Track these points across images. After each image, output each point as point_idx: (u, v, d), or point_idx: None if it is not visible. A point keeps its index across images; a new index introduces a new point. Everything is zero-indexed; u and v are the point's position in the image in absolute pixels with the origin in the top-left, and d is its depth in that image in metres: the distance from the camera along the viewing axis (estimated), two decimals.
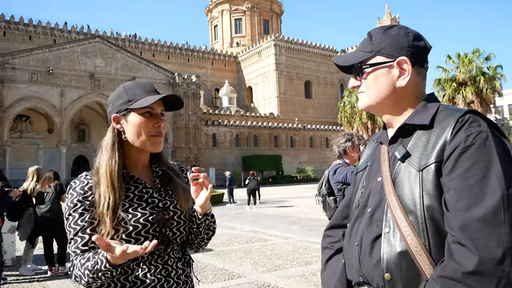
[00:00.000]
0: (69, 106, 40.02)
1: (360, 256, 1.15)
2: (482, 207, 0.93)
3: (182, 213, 1.46)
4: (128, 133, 1.39)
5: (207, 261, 6.97)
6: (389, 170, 1.14)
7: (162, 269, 1.38)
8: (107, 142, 1.41)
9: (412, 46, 1.16)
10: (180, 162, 18.65)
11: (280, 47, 61.66)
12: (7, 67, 37.34)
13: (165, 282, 1.38)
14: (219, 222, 12.52)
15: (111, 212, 1.30)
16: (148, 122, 1.38)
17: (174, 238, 1.43)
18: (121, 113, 1.40)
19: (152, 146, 1.41)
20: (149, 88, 1.43)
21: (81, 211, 1.32)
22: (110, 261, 1.20)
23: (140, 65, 45.09)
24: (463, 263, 0.91)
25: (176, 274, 1.42)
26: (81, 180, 1.39)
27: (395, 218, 1.07)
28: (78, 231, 1.31)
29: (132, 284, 1.34)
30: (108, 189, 1.32)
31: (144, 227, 1.35)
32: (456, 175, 0.99)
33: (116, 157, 1.38)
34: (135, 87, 1.43)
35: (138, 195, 1.40)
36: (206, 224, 1.47)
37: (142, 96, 1.38)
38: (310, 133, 55.97)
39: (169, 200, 1.45)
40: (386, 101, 1.19)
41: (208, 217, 1.47)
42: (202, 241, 1.51)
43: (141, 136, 1.38)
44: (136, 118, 1.38)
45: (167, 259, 1.40)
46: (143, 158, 1.47)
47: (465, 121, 1.04)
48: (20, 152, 39.92)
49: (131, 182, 1.41)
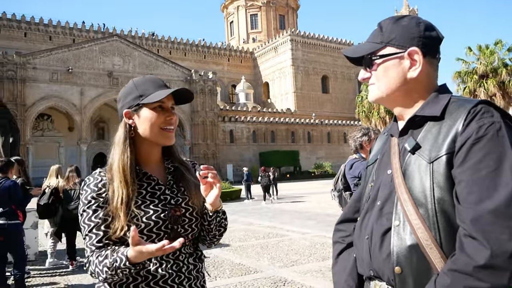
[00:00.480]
0: (89, 105, 40.68)
1: (371, 249, 1.14)
2: (494, 199, 0.90)
3: (194, 210, 1.46)
4: (140, 127, 1.41)
5: (224, 256, 7.01)
6: (399, 163, 1.13)
7: (173, 264, 1.39)
8: (119, 138, 1.43)
9: (424, 36, 1.14)
10: (197, 158, 19.00)
11: (296, 42, 61.35)
12: (28, 67, 38.16)
13: (176, 277, 1.39)
14: (236, 218, 12.63)
15: (125, 207, 1.32)
16: (160, 115, 1.40)
17: (186, 234, 1.44)
18: (132, 108, 1.41)
19: (165, 139, 1.43)
20: (159, 83, 1.45)
21: (95, 208, 1.34)
22: (130, 259, 1.22)
23: (157, 62, 45.49)
24: (474, 257, 0.89)
25: (187, 269, 1.43)
26: (95, 177, 1.41)
27: (405, 211, 1.05)
28: (93, 228, 1.32)
29: (144, 278, 1.35)
30: (121, 184, 1.34)
31: (156, 224, 1.36)
32: (468, 167, 0.96)
33: (128, 152, 1.40)
34: (145, 82, 1.44)
35: (150, 191, 1.41)
36: (217, 221, 1.47)
37: (153, 91, 1.40)
38: (327, 128, 55.64)
39: (181, 197, 1.46)
40: (397, 92, 1.17)
41: (219, 214, 1.47)
42: (214, 237, 1.52)
43: (153, 129, 1.40)
44: (148, 112, 1.39)
45: (178, 254, 1.41)
46: (155, 153, 1.48)
47: (477, 111, 1.01)
48: (42, 150, 40.79)
49: (143, 179, 1.42)
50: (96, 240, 1.32)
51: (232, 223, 11.62)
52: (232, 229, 10.32)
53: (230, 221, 9.83)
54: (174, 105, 1.46)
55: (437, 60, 1.18)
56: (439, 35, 1.17)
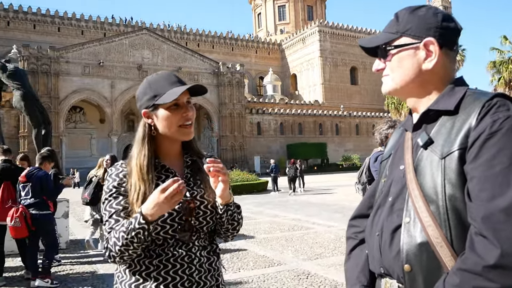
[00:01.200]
0: (119, 97, 41.56)
1: (381, 246, 1.11)
2: (507, 197, 0.87)
3: (209, 203, 1.48)
4: (159, 126, 1.44)
5: (249, 248, 7.06)
6: (412, 158, 1.09)
7: (185, 256, 1.41)
8: (138, 136, 1.48)
9: (441, 27, 1.09)
10: (225, 150, 19.21)
11: (324, 33, 60.60)
12: (61, 61, 39.31)
13: (187, 268, 1.40)
14: (262, 210, 12.68)
15: (140, 203, 1.35)
16: (176, 113, 1.42)
17: (201, 227, 1.46)
18: (150, 109, 1.44)
19: (183, 136, 1.46)
20: (172, 79, 1.45)
21: (116, 195, 1.40)
22: (144, 215, 1.27)
23: (186, 55, 45.91)
24: (484, 256, 0.86)
25: (199, 262, 1.44)
26: (117, 167, 1.47)
27: (416, 207, 1.03)
28: (113, 214, 1.38)
29: (156, 267, 1.39)
30: (139, 181, 1.39)
31: (170, 215, 1.39)
32: (480, 163, 0.92)
33: (146, 151, 1.44)
34: (158, 80, 1.46)
35: None
36: (228, 214, 1.47)
37: (167, 89, 1.41)
38: (356, 120, 54.91)
39: (197, 189, 1.48)
40: (411, 84, 1.13)
41: (230, 207, 1.47)
42: (227, 231, 1.52)
43: (171, 128, 1.42)
44: (164, 112, 1.42)
45: (191, 246, 1.43)
46: (175, 147, 1.52)
47: (492, 105, 0.97)
48: (75, 141, 42.11)
49: (162, 171, 1.46)
50: (116, 225, 1.36)
51: (258, 215, 11.67)
52: (257, 221, 10.38)
53: (255, 213, 9.87)
54: (190, 99, 1.47)
55: (455, 52, 1.14)
56: (458, 26, 1.13)
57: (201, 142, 50.59)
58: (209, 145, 48.43)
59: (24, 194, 5.29)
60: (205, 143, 49.78)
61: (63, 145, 38.93)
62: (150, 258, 1.39)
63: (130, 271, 1.41)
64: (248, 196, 18.80)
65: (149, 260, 1.39)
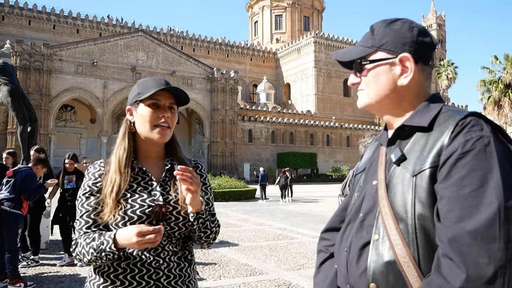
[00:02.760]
0: (111, 98, 41.31)
1: (348, 262, 1.09)
2: (475, 219, 0.84)
3: (183, 209, 1.46)
4: (137, 122, 1.47)
5: (232, 255, 7.00)
6: (384, 174, 1.07)
7: (153, 260, 1.41)
8: (120, 132, 1.52)
9: (416, 42, 1.08)
10: (215, 156, 19.21)
11: (320, 44, 60.97)
12: (55, 59, 39.00)
13: (154, 273, 1.40)
14: (248, 218, 12.62)
15: (115, 195, 1.39)
16: (154, 112, 1.44)
17: (172, 232, 1.46)
18: (132, 105, 1.49)
19: (157, 135, 1.45)
20: (160, 83, 1.47)
21: (88, 195, 1.43)
22: (116, 242, 1.29)
23: (180, 59, 45.85)
24: (449, 279, 0.84)
25: (168, 267, 1.43)
26: (95, 166, 1.50)
27: (385, 225, 1.00)
28: (83, 214, 1.42)
29: (123, 270, 1.40)
30: (115, 173, 1.42)
31: (139, 219, 1.39)
32: (451, 183, 0.91)
33: (125, 145, 1.47)
34: (147, 81, 1.50)
35: (143, 186, 1.46)
36: (199, 222, 1.45)
37: (151, 90, 1.44)
38: (347, 132, 55.12)
39: (172, 195, 1.48)
40: (386, 100, 1.11)
41: (201, 215, 1.44)
42: (200, 239, 1.51)
43: (146, 125, 1.44)
44: (143, 108, 1.45)
45: (160, 251, 1.43)
46: (155, 150, 1.52)
47: (465, 124, 0.95)
48: (64, 140, 41.70)
49: (139, 173, 1.47)
50: (86, 226, 1.40)
51: (244, 223, 11.62)
52: (242, 229, 10.32)
53: (241, 220, 9.82)
54: (174, 105, 1.49)
55: (430, 68, 1.12)
56: (433, 41, 1.11)
57: (192, 147, 50.44)
58: (200, 150, 48.27)
59: (4, 188, 5.21)
60: (195, 148, 49.62)
61: (52, 143, 38.52)
62: (118, 260, 1.40)
63: (99, 271, 1.43)
64: (235, 203, 18.72)
65: (117, 262, 1.40)
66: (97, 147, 41.37)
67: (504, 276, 0.81)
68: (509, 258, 0.81)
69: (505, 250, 0.81)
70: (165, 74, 43.24)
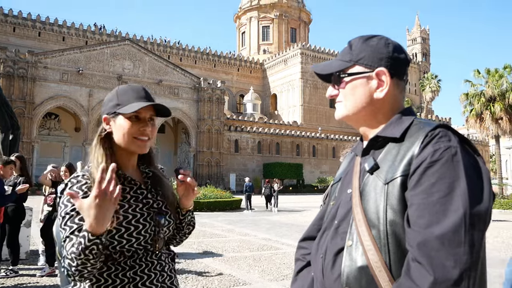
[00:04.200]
0: (96, 106, 40.96)
1: (323, 268, 1.12)
2: (443, 225, 0.89)
3: (170, 212, 1.52)
4: (115, 134, 1.44)
5: (216, 266, 6.96)
6: (359, 182, 1.11)
7: (157, 264, 1.45)
8: (94, 143, 1.46)
9: (392, 57, 1.13)
10: (201, 166, 19.18)
11: (306, 55, 61.60)
12: (39, 66, 38.63)
13: (160, 276, 1.44)
14: (232, 228, 12.59)
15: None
16: (134, 125, 1.42)
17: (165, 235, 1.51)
18: (110, 115, 1.44)
19: (137, 148, 1.45)
20: (140, 94, 1.45)
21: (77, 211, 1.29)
22: (91, 231, 1.18)
23: (167, 68, 45.82)
24: (418, 282, 0.87)
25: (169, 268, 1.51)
26: (78, 179, 1.40)
27: (359, 231, 1.04)
28: (74, 231, 1.28)
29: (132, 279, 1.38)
30: None
31: (136, 229, 1.39)
32: (420, 190, 0.95)
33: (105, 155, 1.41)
34: (127, 91, 1.47)
35: (134, 196, 1.45)
36: (188, 219, 1.58)
37: (132, 102, 1.42)
38: (333, 143, 55.53)
39: (160, 200, 1.51)
40: (363, 112, 1.16)
41: (190, 213, 1.58)
42: (184, 235, 1.62)
43: (125, 138, 1.42)
44: (122, 121, 1.42)
45: (160, 254, 1.48)
46: (132, 159, 1.51)
47: (434, 135, 1.00)
48: (48, 149, 41.14)
49: (125, 183, 1.45)
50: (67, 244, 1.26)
51: (228, 233, 11.57)
52: (227, 239, 10.28)
53: (226, 231, 9.76)
54: (153, 116, 1.47)
55: (404, 82, 1.18)
56: (407, 57, 1.17)
57: (178, 157, 50.18)
58: (186, 160, 48.06)
59: None
60: (181, 158, 49.39)
61: (35, 151, 37.95)
62: (123, 271, 1.37)
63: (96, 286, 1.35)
64: (221, 213, 18.63)
65: (122, 273, 1.37)
66: (81, 156, 40.81)
67: (469, 278, 0.84)
68: (473, 261, 0.85)
69: (469, 254, 0.85)
70: (152, 83, 43.14)
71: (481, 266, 0.91)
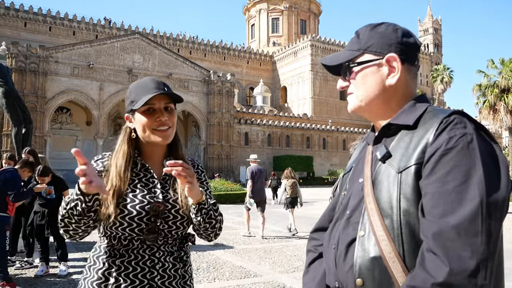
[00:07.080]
0: (107, 100, 41.26)
1: (336, 259, 1.10)
2: (458, 214, 0.86)
3: (181, 208, 1.48)
4: (137, 129, 1.48)
5: (227, 258, 6.99)
6: (371, 171, 1.09)
7: (148, 259, 1.43)
8: (119, 138, 1.54)
9: (401, 43, 1.10)
10: (211, 159, 19.16)
11: (316, 47, 61.18)
12: (50, 61, 38.92)
13: (148, 272, 1.43)
14: (243, 220, 12.57)
15: (116, 197, 1.40)
16: (150, 117, 1.45)
17: (169, 231, 1.48)
18: (129, 113, 1.50)
19: (158, 139, 1.47)
20: (149, 86, 1.47)
21: None
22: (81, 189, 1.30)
23: (177, 62, 45.86)
24: (433, 273, 0.85)
25: (163, 267, 1.45)
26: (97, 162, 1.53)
27: (371, 221, 1.02)
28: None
29: (117, 267, 1.42)
30: (115, 177, 1.43)
31: (138, 214, 1.42)
32: (435, 179, 0.92)
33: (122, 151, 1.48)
34: (137, 87, 1.50)
35: (144, 182, 1.48)
36: (203, 213, 1.45)
37: (141, 96, 1.44)
38: (343, 135, 55.26)
39: (171, 193, 1.50)
40: (376, 100, 1.12)
41: (203, 206, 1.45)
42: (206, 230, 1.51)
43: (145, 131, 1.46)
44: (139, 116, 1.46)
45: (155, 251, 1.45)
46: (158, 151, 1.54)
47: (449, 122, 0.97)
48: (60, 142, 41.49)
49: (142, 170, 1.51)
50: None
51: (239, 225, 11.60)
52: (238, 231, 10.31)
53: (237, 223, 9.77)
54: (169, 104, 1.48)
55: (416, 68, 1.14)
56: (417, 42, 1.14)
57: (188, 149, 50.38)
58: (196, 152, 48.22)
59: None
60: (191, 151, 49.56)
61: (47, 145, 38.36)
62: (113, 257, 1.42)
63: (94, 269, 1.44)
64: (231, 206, 18.70)
65: (112, 259, 1.42)
66: (93, 150, 41.17)
67: (486, 269, 0.82)
68: (490, 252, 0.83)
69: (487, 244, 0.83)
70: (162, 76, 43.24)
71: (498, 257, 0.89)
